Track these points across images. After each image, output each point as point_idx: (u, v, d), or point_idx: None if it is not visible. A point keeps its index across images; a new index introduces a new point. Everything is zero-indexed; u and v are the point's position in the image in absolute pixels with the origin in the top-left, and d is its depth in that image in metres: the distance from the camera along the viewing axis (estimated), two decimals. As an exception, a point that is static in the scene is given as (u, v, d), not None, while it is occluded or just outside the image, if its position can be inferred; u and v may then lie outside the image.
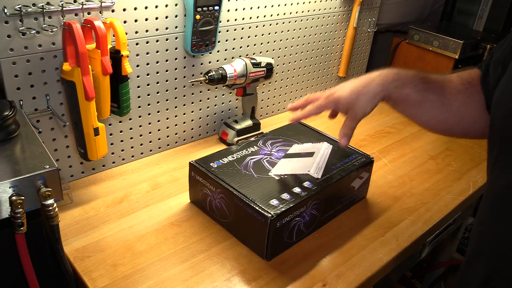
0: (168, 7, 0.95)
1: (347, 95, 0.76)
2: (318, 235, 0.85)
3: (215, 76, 1.02)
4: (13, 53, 0.77)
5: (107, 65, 0.79)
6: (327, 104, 0.80)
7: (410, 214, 0.94)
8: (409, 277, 1.56)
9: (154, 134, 1.06)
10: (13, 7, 0.74)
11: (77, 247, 0.78)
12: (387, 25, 1.67)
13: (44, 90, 0.84)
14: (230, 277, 0.74)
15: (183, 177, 0.98)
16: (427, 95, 0.74)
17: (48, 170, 0.61)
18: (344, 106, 0.77)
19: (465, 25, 1.88)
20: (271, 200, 0.77)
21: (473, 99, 0.72)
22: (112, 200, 0.91)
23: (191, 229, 0.84)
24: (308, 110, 0.81)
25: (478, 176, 1.09)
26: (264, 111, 1.32)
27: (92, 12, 0.84)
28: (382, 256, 0.81)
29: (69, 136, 0.91)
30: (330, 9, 1.33)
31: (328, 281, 0.75)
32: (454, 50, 1.46)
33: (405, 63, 1.63)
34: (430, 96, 0.74)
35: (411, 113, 0.76)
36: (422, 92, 0.74)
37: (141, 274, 0.73)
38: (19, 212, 0.59)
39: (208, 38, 1.01)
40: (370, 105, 0.76)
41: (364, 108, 0.76)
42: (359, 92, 0.75)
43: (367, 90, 0.75)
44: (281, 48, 1.25)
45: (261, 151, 0.93)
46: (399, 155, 1.16)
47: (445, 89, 0.74)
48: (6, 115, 0.65)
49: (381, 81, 0.75)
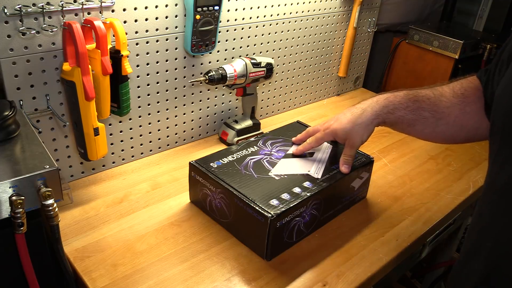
0: (168, 7, 0.95)
1: (343, 127, 0.83)
2: (318, 235, 0.85)
3: (215, 76, 1.02)
4: (13, 53, 0.77)
5: (107, 65, 0.79)
6: (325, 137, 0.87)
7: (410, 214, 0.94)
8: (409, 277, 1.56)
9: (154, 134, 1.06)
10: (13, 7, 0.74)
11: (77, 247, 0.78)
12: (387, 25, 1.67)
13: (44, 90, 0.84)
14: (230, 277, 0.74)
15: (183, 177, 0.98)
16: (420, 113, 0.78)
17: (48, 170, 0.61)
18: (342, 137, 0.84)
19: (465, 25, 1.87)
20: (271, 200, 0.77)
21: (470, 108, 0.75)
22: (112, 200, 0.91)
23: (191, 229, 0.84)
24: (309, 143, 0.90)
25: (478, 176, 1.09)
26: (264, 111, 1.32)
27: (92, 12, 0.84)
28: (382, 256, 0.81)
29: (69, 136, 0.91)
30: (330, 9, 1.33)
31: (328, 281, 0.75)
32: (454, 50, 1.46)
33: (405, 63, 1.63)
34: (424, 113, 0.78)
35: (409, 131, 0.81)
36: (415, 111, 0.78)
37: (141, 274, 0.73)
38: (19, 212, 0.59)
39: (208, 38, 1.01)
40: (366, 133, 0.82)
41: (361, 136, 0.82)
42: (354, 122, 0.82)
43: (362, 120, 0.81)
44: (281, 48, 1.25)
45: (261, 151, 0.93)
46: (399, 155, 1.16)
47: (438, 104, 0.78)
48: (6, 115, 0.65)
49: (373, 109, 0.80)
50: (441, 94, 0.78)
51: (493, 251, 0.56)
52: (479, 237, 0.60)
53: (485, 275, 0.57)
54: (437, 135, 0.80)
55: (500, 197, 0.56)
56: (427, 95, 0.79)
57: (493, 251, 0.56)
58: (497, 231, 0.56)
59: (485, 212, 0.59)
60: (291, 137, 0.99)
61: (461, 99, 0.76)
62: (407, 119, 0.78)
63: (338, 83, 1.52)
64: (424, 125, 0.78)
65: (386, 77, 1.70)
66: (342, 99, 1.52)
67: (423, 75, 1.58)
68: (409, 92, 0.80)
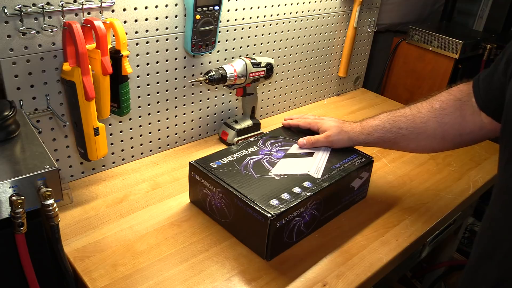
0: (168, 7, 0.95)
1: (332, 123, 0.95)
2: (318, 235, 0.85)
3: (215, 76, 1.02)
4: (13, 53, 0.77)
5: (107, 65, 0.79)
6: (312, 123, 0.98)
7: (410, 214, 0.94)
8: (409, 277, 1.56)
9: (154, 134, 1.06)
10: (13, 7, 0.74)
11: (77, 247, 0.78)
12: (387, 25, 1.67)
13: (44, 90, 0.84)
14: (230, 277, 0.74)
15: (183, 177, 0.98)
16: (398, 131, 0.86)
17: (48, 170, 0.61)
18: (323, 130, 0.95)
19: (465, 25, 1.88)
20: (271, 200, 0.77)
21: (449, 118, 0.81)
22: (112, 200, 0.91)
23: (191, 229, 0.84)
24: (297, 119, 1.02)
25: (478, 176, 1.09)
26: (264, 111, 1.32)
27: (92, 12, 0.84)
28: (382, 256, 0.81)
29: (69, 136, 0.91)
30: (330, 9, 1.33)
31: (328, 281, 0.75)
32: (454, 50, 1.46)
33: (405, 63, 1.63)
34: (401, 131, 0.86)
35: (396, 148, 0.91)
36: (393, 131, 0.87)
37: (141, 274, 0.73)
38: (19, 212, 0.59)
39: (208, 38, 1.01)
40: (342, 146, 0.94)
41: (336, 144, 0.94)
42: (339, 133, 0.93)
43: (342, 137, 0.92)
44: (281, 48, 1.25)
45: (261, 151, 0.93)
46: (399, 155, 1.16)
47: (415, 120, 0.85)
48: (6, 115, 0.65)
49: (349, 138, 0.92)
50: (418, 110, 0.86)
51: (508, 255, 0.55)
52: (491, 240, 0.59)
53: (498, 281, 0.56)
54: (424, 148, 0.87)
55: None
56: (404, 113, 0.87)
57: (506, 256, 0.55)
58: None
59: (498, 215, 0.58)
60: (291, 137, 0.99)
61: (438, 112, 0.83)
62: (387, 138, 0.87)
63: (338, 83, 1.52)
64: (407, 141, 0.86)
65: (386, 77, 1.70)
66: (342, 99, 1.52)
67: (423, 75, 1.58)
68: (387, 114, 0.89)
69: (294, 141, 0.98)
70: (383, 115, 0.90)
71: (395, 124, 0.86)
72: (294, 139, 0.98)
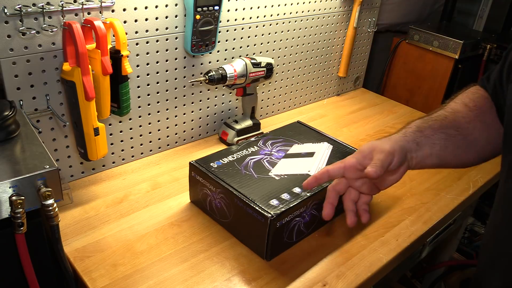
0: (168, 7, 0.95)
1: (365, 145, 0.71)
2: (318, 235, 0.85)
3: (215, 76, 1.02)
4: (13, 53, 0.77)
5: (107, 65, 0.79)
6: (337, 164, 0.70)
7: (410, 214, 0.94)
8: (409, 277, 1.56)
9: (154, 134, 1.06)
10: (13, 7, 0.74)
11: (77, 247, 0.78)
12: (387, 25, 1.67)
13: (44, 90, 0.84)
14: (230, 277, 0.74)
15: (183, 177, 0.98)
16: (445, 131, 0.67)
17: (48, 170, 0.61)
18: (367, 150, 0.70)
19: (465, 25, 1.88)
20: (271, 200, 0.77)
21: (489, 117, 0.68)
22: (112, 200, 0.91)
23: (191, 229, 0.84)
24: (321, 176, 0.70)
25: (478, 176, 1.09)
26: (264, 111, 1.32)
27: (92, 12, 0.84)
28: (382, 256, 0.81)
29: (69, 136, 0.91)
30: (330, 9, 1.33)
31: (328, 281, 0.75)
32: (454, 50, 1.46)
33: (405, 63, 1.63)
34: (449, 131, 0.67)
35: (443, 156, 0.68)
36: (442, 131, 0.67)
37: (141, 274, 0.73)
38: (19, 212, 0.59)
39: (208, 38, 1.01)
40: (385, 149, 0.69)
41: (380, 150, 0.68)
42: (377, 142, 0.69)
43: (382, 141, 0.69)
44: (281, 48, 1.25)
45: (261, 151, 0.93)
46: (399, 155, 1.16)
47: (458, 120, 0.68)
48: (6, 115, 0.65)
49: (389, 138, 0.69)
50: (455, 110, 0.69)
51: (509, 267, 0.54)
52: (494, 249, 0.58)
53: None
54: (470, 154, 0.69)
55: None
56: (442, 114, 0.69)
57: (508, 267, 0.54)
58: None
59: (501, 223, 0.57)
60: (291, 137, 0.99)
61: (477, 111, 0.68)
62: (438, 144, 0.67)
63: (338, 83, 1.52)
64: (454, 144, 0.67)
65: (386, 77, 1.70)
66: (342, 99, 1.52)
67: (423, 75, 1.58)
68: (422, 119, 0.69)
69: (295, 141, 0.98)
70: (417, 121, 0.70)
71: (440, 123, 0.67)
72: (295, 139, 0.98)
